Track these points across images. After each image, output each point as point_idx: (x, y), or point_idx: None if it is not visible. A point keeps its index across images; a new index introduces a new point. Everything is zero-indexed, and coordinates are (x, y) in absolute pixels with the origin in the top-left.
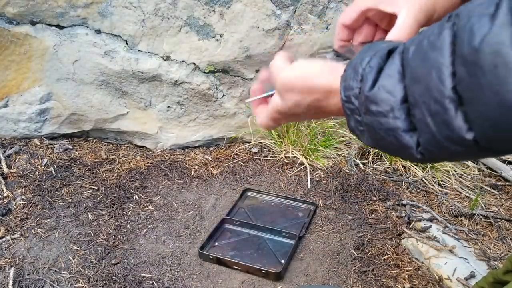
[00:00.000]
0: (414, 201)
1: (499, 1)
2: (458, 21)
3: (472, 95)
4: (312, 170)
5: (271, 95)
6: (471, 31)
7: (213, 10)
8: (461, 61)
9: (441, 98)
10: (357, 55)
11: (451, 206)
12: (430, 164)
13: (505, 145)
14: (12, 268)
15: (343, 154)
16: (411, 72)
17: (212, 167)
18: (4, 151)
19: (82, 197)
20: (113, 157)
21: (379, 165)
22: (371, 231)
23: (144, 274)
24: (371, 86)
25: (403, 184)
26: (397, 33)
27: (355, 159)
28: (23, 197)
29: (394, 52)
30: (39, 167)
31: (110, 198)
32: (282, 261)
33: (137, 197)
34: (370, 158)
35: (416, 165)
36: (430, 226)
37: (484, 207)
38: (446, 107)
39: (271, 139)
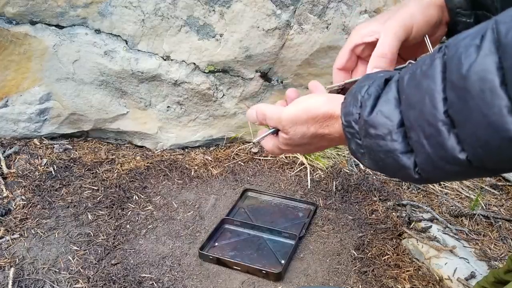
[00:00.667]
0: (414, 201)
1: (484, 33)
2: (448, 51)
3: (463, 117)
4: (312, 170)
5: (273, 133)
6: (459, 60)
7: (213, 10)
8: (451, 87)
9: (435, 121)
10: (356, 84)
11: (452, 206)
12: None
13: (497, 164)
14: (12, 268)
15: (343, 154)
16: (406, 98)
17: (212, 167)
18: (4, 151)
19: (82, 197)
20: (113, 157)
21: None
22: (372, 231)
23: (144, 274)
24: (370, 112)
25: (404, 184)
26: (380, 49)
27: (355, 159)
28: (23, 197)
29: (391, 80)
30: (39, 167)
31: (110, 198)
32: (282, 262)
33: (137, 197)
34: None
35: None
36: (431, 226)
37: (484, 207)
38: (439, 129)
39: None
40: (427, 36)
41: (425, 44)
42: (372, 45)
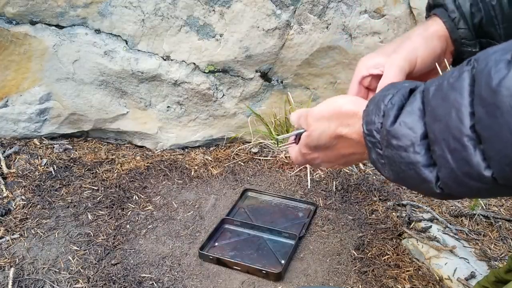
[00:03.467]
0: (414, 201)
1: None
2: (477, 65)
3: (491, 134)
4: (312, 170)
5: (297, 134)
6: (489, 75)
7: (213, 10)
8: (480, 102)
9: (460, 136)
10: (379, 92)
11: (452, 206)
12: None
13: None
14: (12, 268)
15: None
16: (431, 110)
17: (212, 167)
18: (4, 151)
19: (82, 197)
20: (113, 157)
21: None
22: (372, 231)
23: (144, 274)
24: (393, 122)
25: None
26: (385, 82)
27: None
28: (23, 197)
29: (415, 90)
30: (39, 167)
31: (110, 198)
32: (282, 262)
33: (137, 197)
34: None
35: None
36: (431, 226)
37: (484, 207)
38: (465, 144)
39: (271, 139)
40: (437, 63)
41: (432, 73)
42: (378, 77)
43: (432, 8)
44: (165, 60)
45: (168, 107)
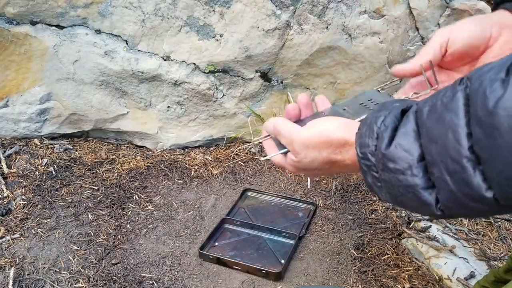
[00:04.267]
0: None
1: (510, 66)
2: (470, 84)
3: (490, 155)
4: None
5: (283, 153)
6: (484, 95)
7: (213, 10)
8: (477, 123)
9: (459, 158)
10: (370, 114)
11: None
12: None
13: None
14: (12, 268)
15: None
16: (426, 132)
17: (212, 167)
18: (4, 151)
19: (82, 197)
20: (113, 157)
21: None
22: (371, 231)
23: (144, 274)
24: (388, 144)
25: None
26: (416, 61)
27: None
28: (23, 197)
29: (408, 111)
30: (39, 167)
31: (110, 198)
32: (282, 261)
33: (137, 197)
34: None
35: None
36: (430, 226)
37: None
38: (464, 166)
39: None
40: (429, 61)
41: (472, 63)
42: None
43: (500, 3)
44: (165, 60)
45: (168, 107)
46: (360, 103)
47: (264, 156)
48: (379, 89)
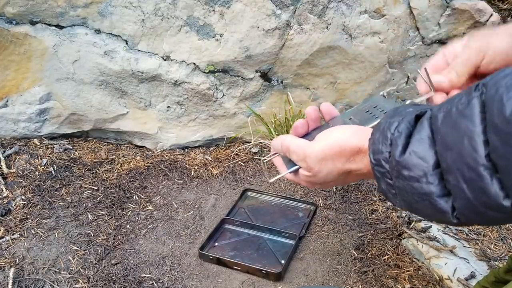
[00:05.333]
0: None
1: None
2: (486, 90)
3: (507, 163)
4: None
5: (296, 170)
6: (500, 102)
7: (213, 10)
8: (493, 130)
9: (475, 166)
10: (383, 120)
11: None
12: None
13: None
14: (12, 268)
15: None
16: (441, 138)
17: (212, 167)
18: (4, 151)
19: (82, 197)
20: (113, 157)
21: None
22: (372, 231)
23: (144, 274)
24: (402, 151)
25: None
26: (448, 72)
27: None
28: (23, 197)
29: (422, 117)
30: (39, 167)
31: (110, 198)
32: (282, 261)
33: (137, 197)
34: None
35: None
36: (430, 226)
37: None
38: (481, 174)
39: (271, 139)
40: (424, 69)
41: None
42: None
43: None
44: (165, 60)
45: (168, 107)
46: (366, 111)
47: (271, 178)
48: (384, 94)
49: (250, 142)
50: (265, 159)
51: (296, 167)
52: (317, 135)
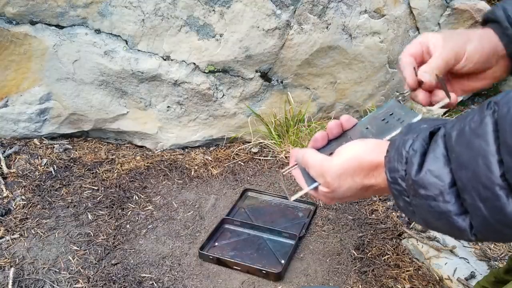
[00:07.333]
0: None
1: None
2: (498, 109)
3: None
4: None
5: (316, 187)
6: None
7: (213, 10)
8: (507, 151)
9: (491, 185)
10: (398, 137)
11: None
12: None
13: None
14: (12, 268)
15: None
16: (456, 157)
17: (212, 167)
18: (4, 151)
19: (82, 197)
20: (113, 157)
21: None
22: (371, 231)
23: (144, 274)
24: (418, 170)
25: None
26: (426, 68)
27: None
28: (23, 197)
29: (436, 135)
30: (39, 167)
31: (110, 198)
32: (282, 261)
33: (137, 197)
34: None
35: None
36: None
37: None
38: (496, 193)
39: (271, 139)
40: (441, 77)
41: (481, 77)
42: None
43: (486, 23)
44: (165, 60)
45: (168, 107)
46: (382, 119)
47: (291, 195)
48: (399, 100)
49: (250, 142)
50: (284, 172)
51: (316, 184)
52: (335, 148)
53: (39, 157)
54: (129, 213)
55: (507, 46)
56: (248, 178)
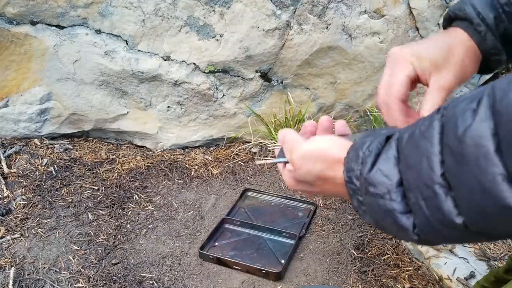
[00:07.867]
0: None
1: (481, 97)
2: (445, 113)
3: (459, 182)
4: None
5: (284, 162)
6: (455, 124)
7: (213, 10)
8: (448, 151)
9: (432, 184)
10: (359, 139)
11: None
12: None
13: (494, 230)
14: (12, 268)
15: None
16: (404, 158)
17: (212, 167)
18: (4, 151)
19: (82, 197)
20: (113, 157)
21: None
22: (371, 231)
23: (144, 274)
24: (370, 169)
25: None
26: (428, 107)
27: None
28: (23, 197)
29: (391, 138)
30: (39, 167)
31: (110, 198)
32: (282, 261)
33: (137, 197)
34: None
35: None
36: None
37: None
38: (436, 192)
39: (271, 139)
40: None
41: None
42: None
43: (453, 21)
44: (165, 60)
45: (168, 107)
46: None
47: (259, 160)
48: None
49: (250, 142)
50: (273, 148)
51: (285, 159)
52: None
53: (39, 157)
54: (130, 213)
55: (479, 44)
56: (248, 178)
